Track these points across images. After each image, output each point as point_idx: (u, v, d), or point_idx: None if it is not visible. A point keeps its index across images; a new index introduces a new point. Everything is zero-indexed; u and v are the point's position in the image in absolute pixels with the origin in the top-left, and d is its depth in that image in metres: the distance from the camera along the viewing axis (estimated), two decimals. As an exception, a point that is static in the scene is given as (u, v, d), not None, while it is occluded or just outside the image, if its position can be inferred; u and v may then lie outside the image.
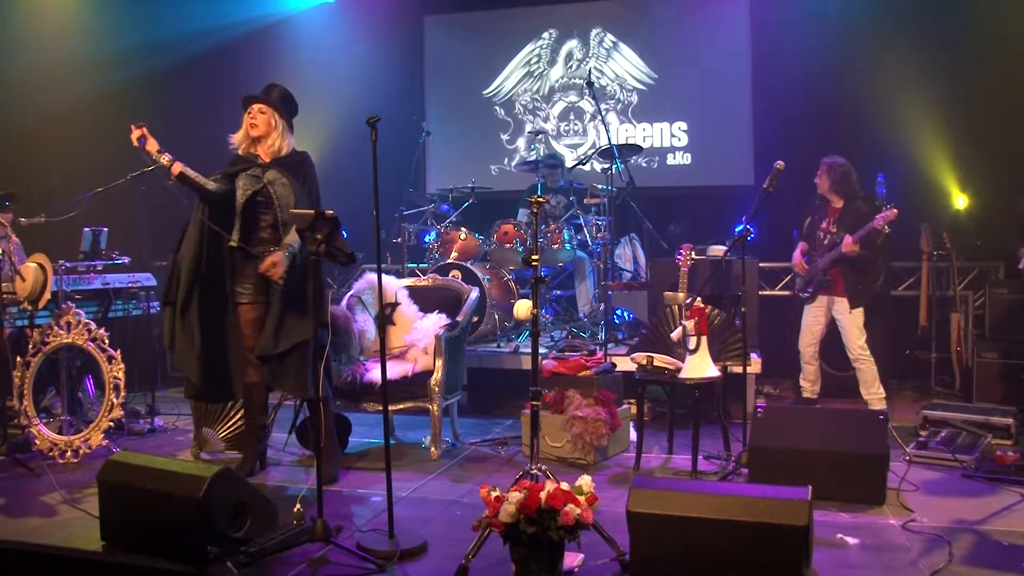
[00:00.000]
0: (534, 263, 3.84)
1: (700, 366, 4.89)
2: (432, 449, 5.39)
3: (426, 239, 7.66)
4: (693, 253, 6.16)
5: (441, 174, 9.51)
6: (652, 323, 5.86)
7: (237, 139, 4.76)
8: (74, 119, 7.91)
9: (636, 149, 7.89)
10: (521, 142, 9.52)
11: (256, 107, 4.72)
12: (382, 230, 4.11)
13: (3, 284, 5.41)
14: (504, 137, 9.62)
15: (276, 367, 4.59)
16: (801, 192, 6.53)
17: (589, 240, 7.36)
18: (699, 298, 5.06)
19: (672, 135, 9.11)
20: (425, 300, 5.87)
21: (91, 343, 5.45)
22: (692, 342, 4.90)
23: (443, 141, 9.47)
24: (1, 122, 7.49)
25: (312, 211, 3.91)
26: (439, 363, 5.39)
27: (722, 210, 7.96)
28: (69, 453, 5.35)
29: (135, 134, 4.56)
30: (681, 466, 5.13)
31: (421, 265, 7.58)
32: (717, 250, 6.88)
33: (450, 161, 9.60)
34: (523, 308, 6.47)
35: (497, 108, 9.64)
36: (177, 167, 4.62)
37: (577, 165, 7.83)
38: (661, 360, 5.03)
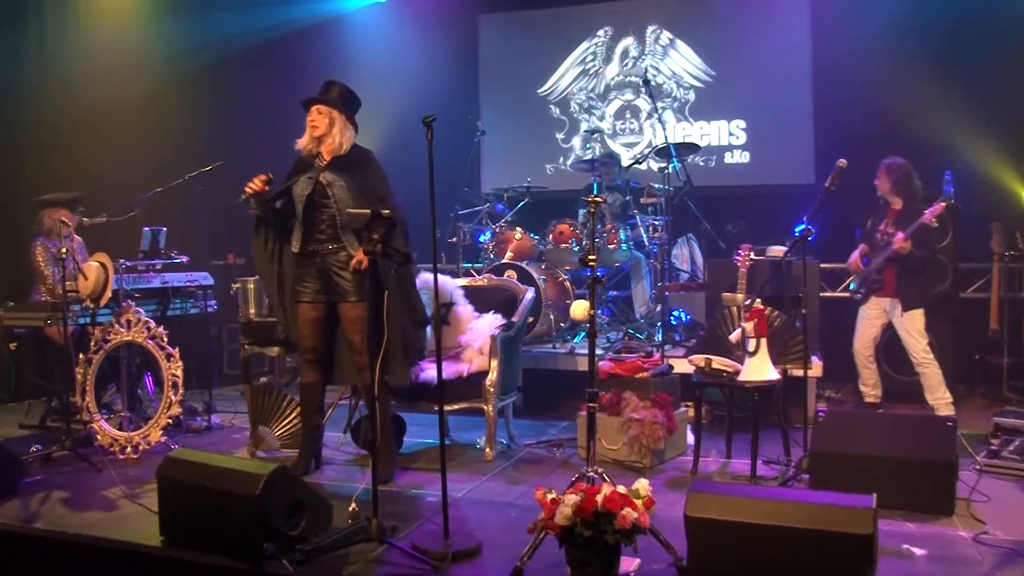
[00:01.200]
0: (591, 263, 3.78)
1: (759, 369, 4.78)
2: (487, 450, 5.35)
3: (481, 239, 7.60)
4: (752, 253, 6.03)
5: (496, 173, 9.47)
6: (710, 324, 5.75)
7: (302, 143, 4.76)
8: (132, 118, 7.97)
9: (693, 148, 7.77)
10: (576, 141, 9.45)
11: (315, 108, 4.71)
12: (437, 230, 4.09)
13: (67, 282, 5.49)
14: (559, 136, 9.56)
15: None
16: (864, 190, 6.36)
17: (646, 240, 7.27)
18: (758, 299, 4.95)
19: (730, 133, 8.96)
20: (480, 300, 5.82)
21: (150, 341, 5.50)
22: (751, 344, 4.79)
23: (498, 140, 9.42)
24: (61, 121, 7.58)
25: (367, 211, 3.87)
26: (494, 364, 5.36)
27: (782, 209, 7.80)
28: (129, 449, 5.40)
29: (257, 185, 4.59)
30: (740, 471, 5.03)
31: (476, 265, 7.51)
32: (777, 250, 6.73)
33: (505, 160, 9.55)
34: (580, 309, 6.42)
35: (552, 107, 9.58)
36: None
37: (633, 164, 7.73)
38: (719, 362, 4.93)
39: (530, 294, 5.90)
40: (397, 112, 8.14)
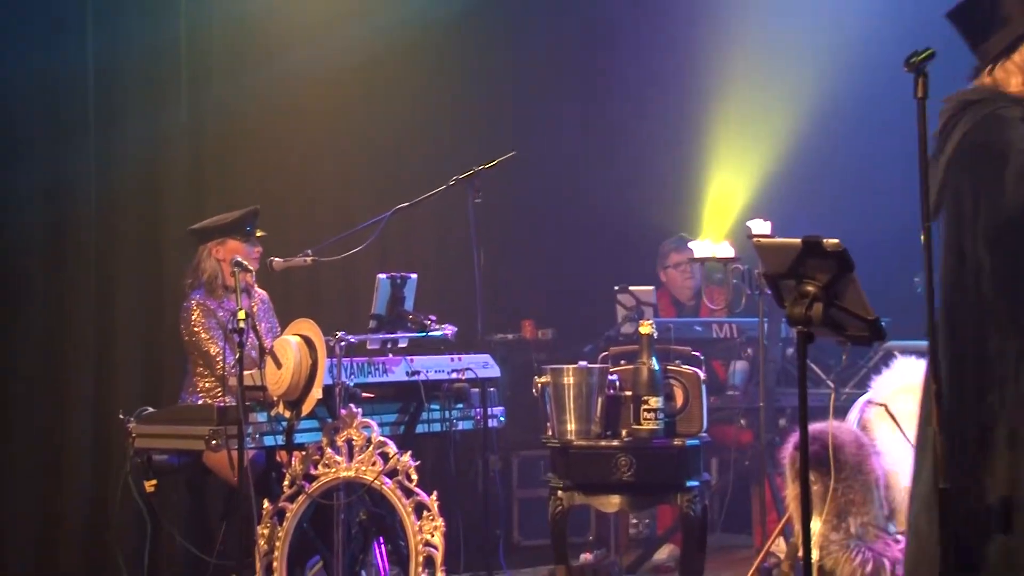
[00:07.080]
0: None
1: None
2: None
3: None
4: None
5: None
6: None
7: None
8: (346, 90, 5.50)
9: None
10: None
11: None
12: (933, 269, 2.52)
13: (244, 371, 3.71)
14: None
15: None
16: None
17: None
18: None
19: None
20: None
21: (387, 479, 3.85)
22: None
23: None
24: (233, 103, 5.23)
25: (794, 241, 2.61)
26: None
27: None
28: None
29: None
30: None
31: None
32: None
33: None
34: None
35: None
36: None
37: None
38: None
39: None
40: (833, 44, 5.20)
